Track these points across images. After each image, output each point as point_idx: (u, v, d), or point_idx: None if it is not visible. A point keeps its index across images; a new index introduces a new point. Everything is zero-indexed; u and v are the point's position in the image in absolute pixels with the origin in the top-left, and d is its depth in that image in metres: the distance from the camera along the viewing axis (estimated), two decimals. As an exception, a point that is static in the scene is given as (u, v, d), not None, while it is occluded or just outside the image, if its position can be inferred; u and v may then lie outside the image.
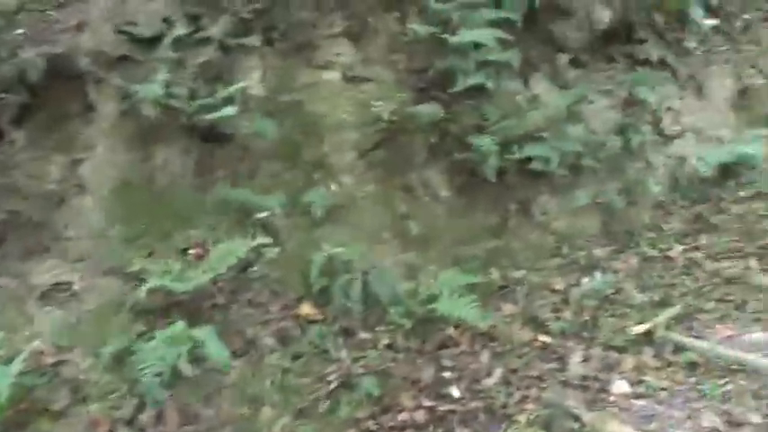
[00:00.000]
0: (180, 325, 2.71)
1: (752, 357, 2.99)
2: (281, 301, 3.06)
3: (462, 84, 3.73)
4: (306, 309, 3.12)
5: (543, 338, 3.38)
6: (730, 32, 5.16)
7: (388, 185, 3.72)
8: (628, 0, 4.37)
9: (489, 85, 3.81)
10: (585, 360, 3.19)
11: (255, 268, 3.00)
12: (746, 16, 5.35)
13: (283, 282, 3.14)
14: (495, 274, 3.78)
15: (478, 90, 3.88)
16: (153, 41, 3.57)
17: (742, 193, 4.73)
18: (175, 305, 2.96)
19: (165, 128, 3.42)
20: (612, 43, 4.52)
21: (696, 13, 4.54)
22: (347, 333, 3.12)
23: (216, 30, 3.49)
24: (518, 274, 3.86)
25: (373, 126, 3.70)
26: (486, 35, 3.66)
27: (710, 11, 4.88)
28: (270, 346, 2.88)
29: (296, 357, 3.01)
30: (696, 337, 3.27)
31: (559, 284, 3.84)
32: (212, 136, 3.46)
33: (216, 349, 2.63)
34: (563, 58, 4.32)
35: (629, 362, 3.12)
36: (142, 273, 3.03)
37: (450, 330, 3.35)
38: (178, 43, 3.52)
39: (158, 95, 3.29)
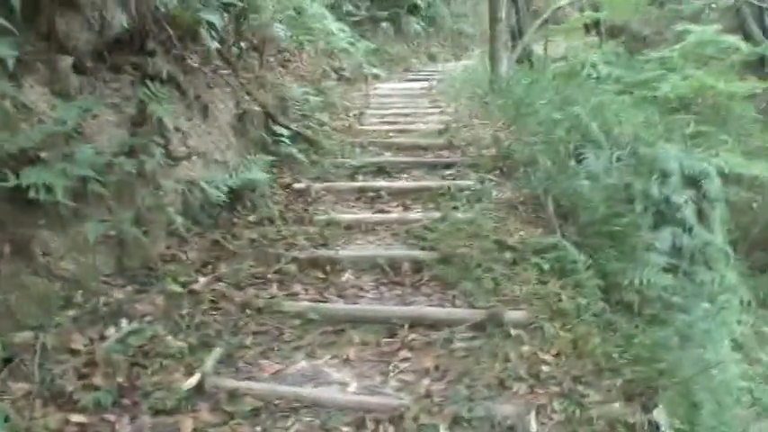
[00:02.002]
0: None
1: (308, 391, 3.10)
2: None
3: None
4: None
5: (76, 418, 2.82)
6: (229, 58, 5.40)
7: None
8: (143, 7, 4.06)
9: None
10: (137, 435, 2.78)
11: None
12: (242, 44, 5.72)
13: None
14: (-7, 344, 2.98)
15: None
16: None
17: (251, 218, 5.00)
18: None
19: None
20: (123, 52, 4.13)
21: (206, 33, 4.57)
22: None
23: None
24: (25, 337, 3.15)
25: None
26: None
27: (215, 33, 5.01)
28: None
29: None
30: (247, 379, 3.23)
31: (80, 342, 3.31)
32: None
33: None
34: (66, 61, 3.70)
35: (186, 424, 2.86)
36: None
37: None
38: None
39: None
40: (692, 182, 5.78)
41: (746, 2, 11.80)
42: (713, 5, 12.92)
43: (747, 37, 11.49)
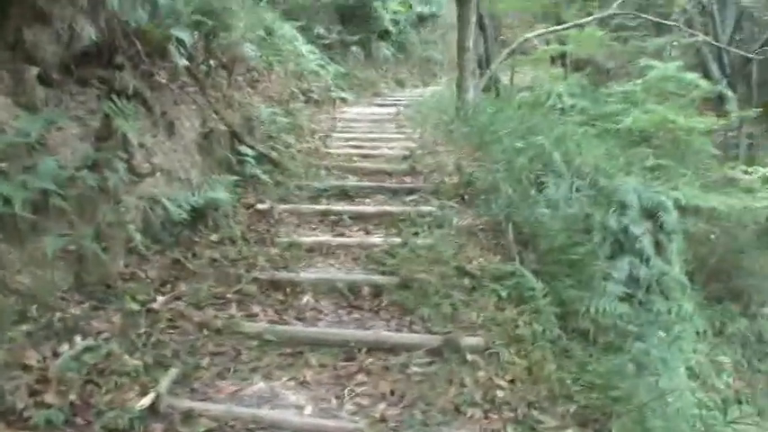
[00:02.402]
0: None
1: (264, 412, 3.11)
2: None
3: None
4: None
5: (24, 436, 2.78)
6: (198, 76, 5.43)
7: None
8: (113, 21, 4.07)
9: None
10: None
11: None
12: (211, 62, 5.76)
13: None
14: (-60, 360, 2.93)
15: None
16: None
17: (213, 238, 5.00)
18: None
19: None
20: (90, 65, 4.13)
21: (175, 50, 4.59)
22: None
23: None
24: (-24, 352, 3.11)
25: None
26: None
27: (185, 50, 5.03)
28: None
29: None
30: (203, 400, 3.22)
31: (33, 358, 3.26)
32: None
33: None
34: (32, 72, 3.69)
35: (138, 445, 2.84)
36: None
37: None
38: None
39: None
40: (650, 214, 5.97)
41: (706, 42, 12.26)
42: (675, 43, 13.37)
43: (707, 75, 11.94)
